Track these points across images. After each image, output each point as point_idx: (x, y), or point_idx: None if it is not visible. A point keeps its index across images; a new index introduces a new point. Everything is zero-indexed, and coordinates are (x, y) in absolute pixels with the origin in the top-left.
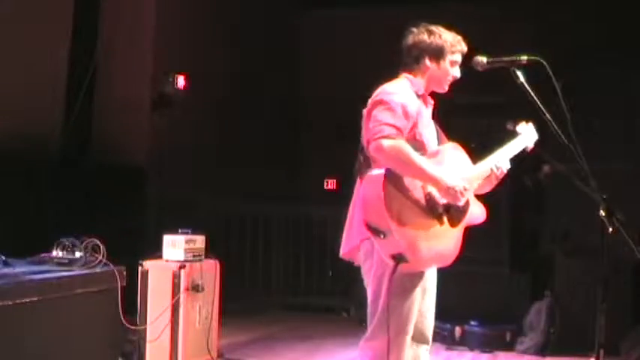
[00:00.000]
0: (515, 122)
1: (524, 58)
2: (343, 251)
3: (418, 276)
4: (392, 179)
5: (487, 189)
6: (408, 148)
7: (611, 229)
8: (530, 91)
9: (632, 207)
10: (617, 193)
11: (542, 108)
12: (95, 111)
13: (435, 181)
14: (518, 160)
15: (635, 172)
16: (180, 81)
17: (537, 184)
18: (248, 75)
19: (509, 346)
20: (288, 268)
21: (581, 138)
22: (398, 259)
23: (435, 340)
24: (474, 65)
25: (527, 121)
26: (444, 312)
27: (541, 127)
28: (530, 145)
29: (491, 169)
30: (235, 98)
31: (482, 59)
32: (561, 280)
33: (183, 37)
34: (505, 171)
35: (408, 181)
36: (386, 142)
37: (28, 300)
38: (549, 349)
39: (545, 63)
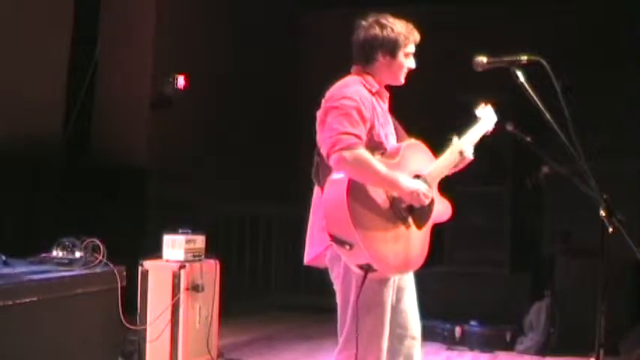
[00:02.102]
0: (516, 123)
1: (524, 58)
2: (308, 259)
3: (387, 281)
4: (355, 189)
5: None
6: (369, 157)
7: (611, 229)
8: (530, 91)
9: (632, 207)
10: (618, 193)
11: (542, 108)
12: (95, 111)
13: (397, 187)
14: (517, 160)
15: (635, 172)
16: (180, 81)
17: (537, 185)
18: (248, 75)
19: (509, 346)
20: (288, 268)
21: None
22: (366, 268)
23: (435, 340)
24: (474, 66)
25: (485, 103)
26: (444, 312)
27: (541, 128)
28: (490, 128)
29: (458, 158)
30: (235, 98)
31: (482, 59)
32: (561, 280)
33: (183, 37)
34: (471, 158)
35: (371, 189)
36: (347, 154)
37: (28, 300)
38: (549, 349)
39: (545, 63)
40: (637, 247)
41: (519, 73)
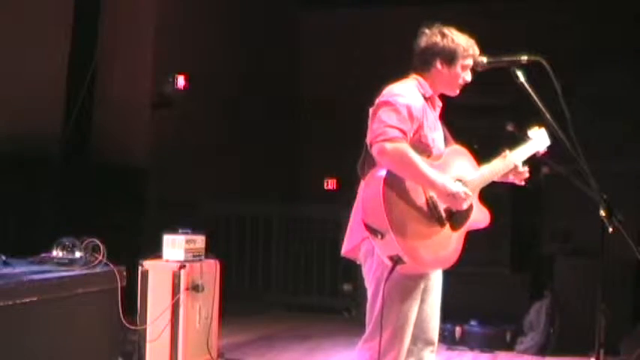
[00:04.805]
0: (516, 123)
1: (524, 58)
2: (345, 250)
3: (418, 278)
4: (393, 181)
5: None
6: (410, 152)
7: (611, 229)
8: (530, 91)
9: (632, 207)
10: (617, 193)
11: (542, 108)
12: (95, 111)
13: (435, 186)
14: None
15: (635, 172)
16: (180, 81)
17: (537, 185)
18: (248, 75)
19: (509, 346)
20: (288, 268)
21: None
22: (395, 260)
23: None
24: (474, 66)
25: (539, 126)
26: (444, 312)
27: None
28: (542, 150)
29: (511, 172)
30: (235, 98)
31: (482, 59)
32: (561, 280)
33: (183, 37)
34: (527, 174)
35: (409, 183)
36: (388, 145)
37: (28, 300)
38: (549, 349)
39: (545, 63)
40: (637, 247)
41: (519, 73)
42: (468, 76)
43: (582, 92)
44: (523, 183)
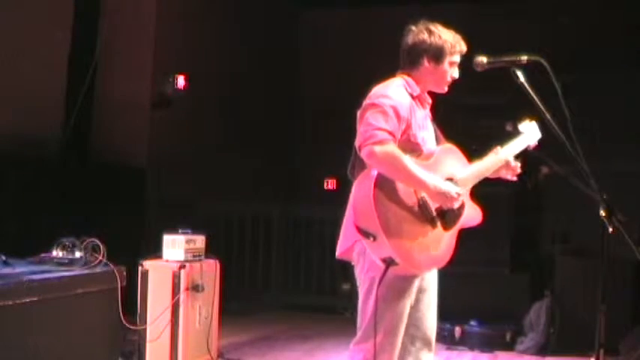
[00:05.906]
0: (515, 123)
1: (524, 58)
2: (339, 252)
3: (411, 278)
4: (383, 183)
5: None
6: (399, 154)
7: (611, 229)
8: (530, 91)
9: (632, 207)
10: (617, 193)
11: (542, 108)
12: (95, 111)
13: (426, 187)
14: (519, 159)
15: (635, 173)
16: (180, 81)
17: (537, 185)
18: (248, 75)
19: (509, 346)
20: (288, 268)
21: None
22: (388, 262)
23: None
24: (474, 66)
25: (530, 119)
26: (444, 312)
27: (541, 127)
28: (533, 143)
29: (503, 167)
30: (235, 98)
31: (482, 59)
32: (561, 280)
33: (183, 37)
34: (519, 169)
35: (400, 185)
36: (378, 148)
37: (28, 300)
38: (549, 349)
39: (545, 63)
40: (637, 247)
41: (519, 73)
42: (455, 73)
43: (582, 92)
44: (515, 178)
